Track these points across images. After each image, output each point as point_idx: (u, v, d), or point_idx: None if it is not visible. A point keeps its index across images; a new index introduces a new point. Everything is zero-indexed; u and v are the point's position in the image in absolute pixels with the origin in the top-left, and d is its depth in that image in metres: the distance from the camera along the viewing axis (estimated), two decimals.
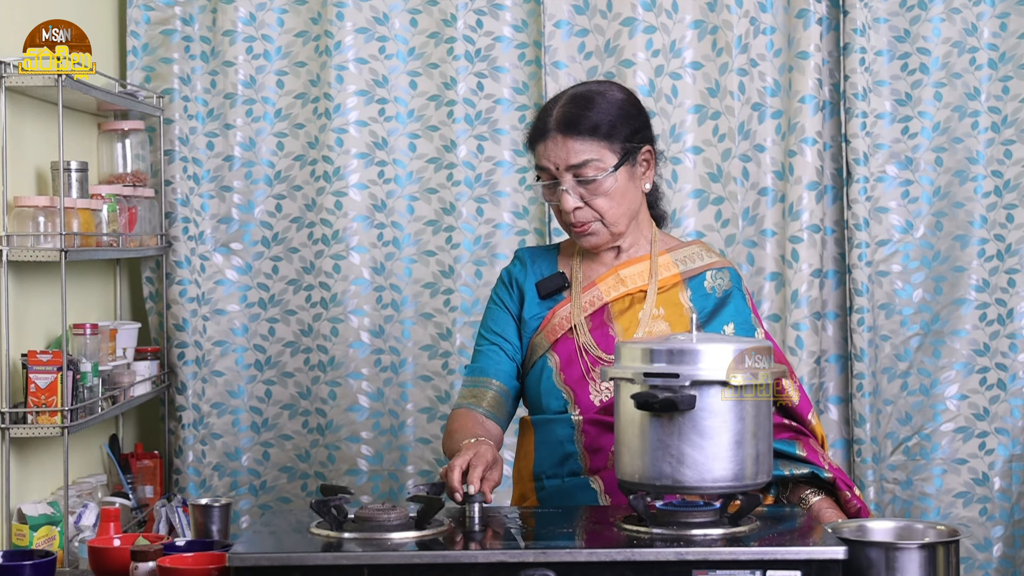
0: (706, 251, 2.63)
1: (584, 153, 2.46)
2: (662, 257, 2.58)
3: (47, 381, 2.93)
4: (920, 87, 3.68)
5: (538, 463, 2.54)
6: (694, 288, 2.56)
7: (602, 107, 2.49)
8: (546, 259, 2.65)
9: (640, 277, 2.55)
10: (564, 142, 2.47)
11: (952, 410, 3.66)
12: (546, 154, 2.49)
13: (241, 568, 1.95)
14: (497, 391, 2.57)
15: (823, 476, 2.39)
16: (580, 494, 2.46)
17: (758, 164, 3.68)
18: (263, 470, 3.81)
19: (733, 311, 2.55)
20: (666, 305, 2.53)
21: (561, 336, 2.54)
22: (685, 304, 2.53)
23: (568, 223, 2.52)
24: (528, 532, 2.16)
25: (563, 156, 2.47)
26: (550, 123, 2.49)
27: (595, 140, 2.47)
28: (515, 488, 2.62)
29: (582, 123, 2.47)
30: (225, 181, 3.80)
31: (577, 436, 2.49)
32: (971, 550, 3.63)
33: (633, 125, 2.52)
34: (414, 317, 3.75)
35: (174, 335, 3.76)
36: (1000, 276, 3.65)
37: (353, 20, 3.72)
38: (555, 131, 2.48)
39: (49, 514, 2.95)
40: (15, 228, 2.98)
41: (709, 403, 2.05)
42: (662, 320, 2.51)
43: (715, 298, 2.56)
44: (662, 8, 3.66)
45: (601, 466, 2.47)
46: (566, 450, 2.50)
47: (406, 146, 3.75)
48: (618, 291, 2.54)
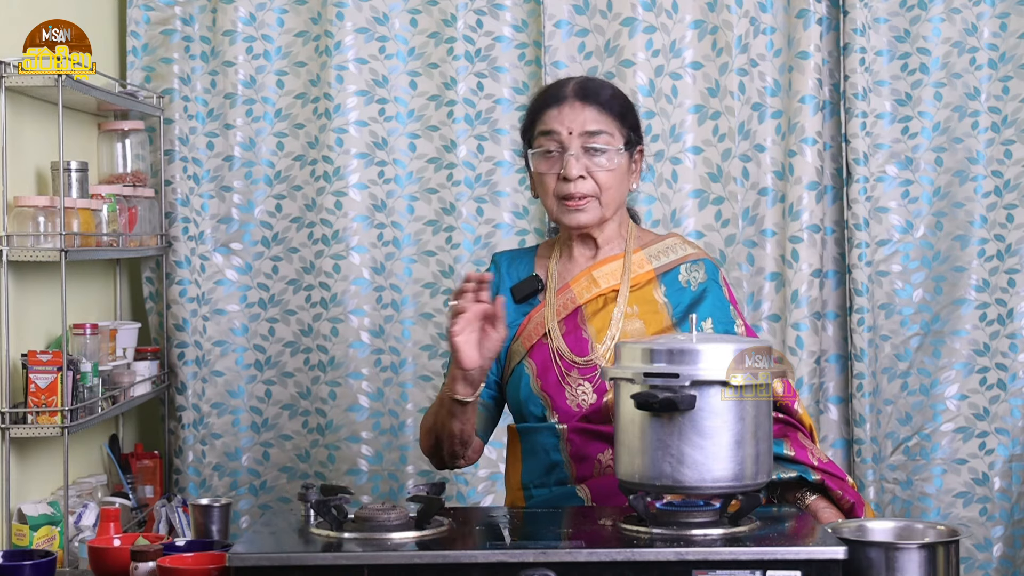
0: (682, 243, 2.61)
1: (600, 123, 2.49)
2: (636, 255, 2.56)
3: (47, 381, 2.93)
4: (920, 87, 3.68)
5: (525, 472, 2.54)
6: (668, 284, 2.54)
7: (616, 90, 2.57)
8: (523, 261, 2.64)
9: (613, 276, 2.54)
10: (583, 108, 2.49)
11: (952, 410, 3.66)
12: (560, 118, 2.49)
13: (241, 568, 1.95)
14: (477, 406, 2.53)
15: (811, 479, 2.37)
16: (567, 503, 2.46)
17: (758, 164, 3.68)
18: (263, 470, 3.81)
19: (711, 306, 2.53)
20: (640, 303, 2.52)
21: (536, 342, 2.53)
22: (660, 301, 2.52)
23: (565, 194, 2.49)
24: (528, 532, 2.16)
25: (579, 121, 2.48)
26: (566, 91, 2.52)
27: (610, 115, 2.50)
28: (507, 496, 2.62)
29: (601, 95, 2.51)
30: (225, 181, 3.80)
31: (562, 445, 2.49)
32: (971, 550, 3.63)
33: (636, 120, 2.57)
34: (414, 317, 3.75)
35: (174, 335, 3.76)
36: (1000, 276, 3.65)
37: (353, 20, 3.72)
38: (573, 97, 2.50)
39: (49, 514, 2.95)
40: (15, 228, 2.98)
41: (709, 403, 2.05)
42: (636, 319, 2.50)
43: (691, 292, 2.54)
44: (662, 8, 3.66)
45: (587, 474, 2.47)
46: (552, 459, 2.50)
47: (406, 146, 3.75)
48: (591, 292, 2.53)
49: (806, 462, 2.39)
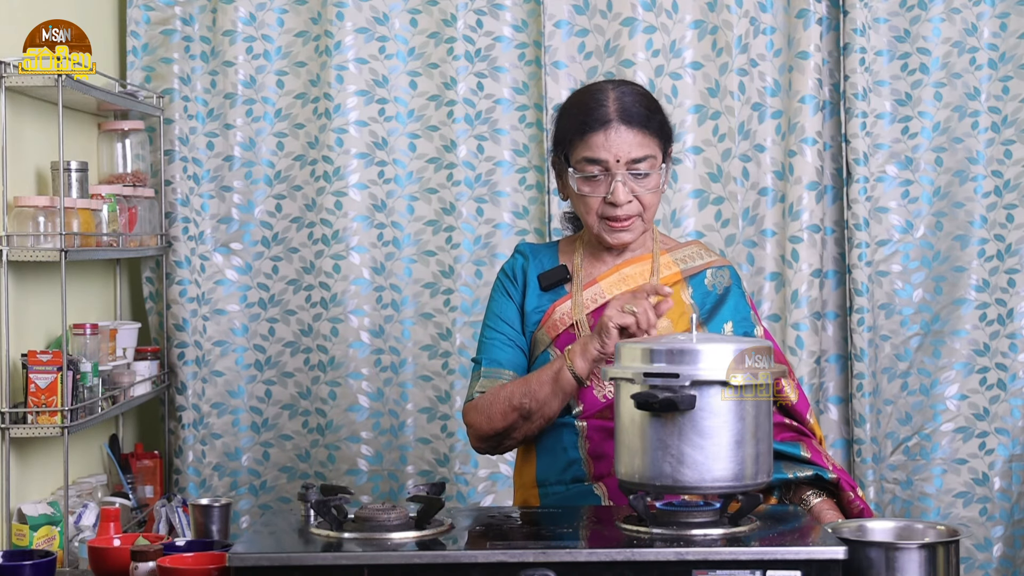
0: (705, 251, 2.64)
1: (645, 147, 2.47)
2: (663, 257, 2.58)
3: (47, 381, 2.93)
4: (920, 87, 3.68)
5: (541, 469, 2.53)
6: (695, 286, 2.56)
7: (654, 104, 2.53)
8: (547, 253, 2.64)
9: (642, 276, 2.55)
10: (628, 133, 2.46)
11: (952, 410, 3.66)
12: (607, 145, 2.46)
13: (241, 568, 1.95)
14: (511, 381, 2.52)
15: (827, 477, 2.39)
16: (584, 501, 2.46)
17: (758, 164, 3.68)
18: (263, 470, 3.81)
19: (732, 308, 2.55)
20: None
21: (563, 332, 2.53)
22: (687, 302, 2.54)
23: (612, 216, 2.49)
24: (528, 532, 2.16)
25: (625, 149, 2.46)
26: (609, 114, 2.47)
27: (652, 135, 2.49)
28: (516, 494, 2.61)
29: (642, 115, 2.48)
30: (225, 181, 3.80)
31: (581, 442, 2.48)
32: (971, 550, 3.63)
33: (669, 126, 2.55)
34: (414, 317, 3.75)
35: (174, 335, 3.76)
36: (1000, 276, 3.65)
37: (353, 20, 3.73)
38: (619, 122, 2.46)
39: (49, 514, 2.95)
40: (15, 228, 2.98)
41: (709, 403, 2.05)
42: (664, 318, 2.51)
43: (715, 295, 2.56)
44: (662, 8, 3.66)
45: (605, 472, 2.46)
46: (570, 456, 2.49)
47: (406, 146, 3.75)
48: (620, 289, 2.53)
49: (822, 464, 2.41)
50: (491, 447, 2.54)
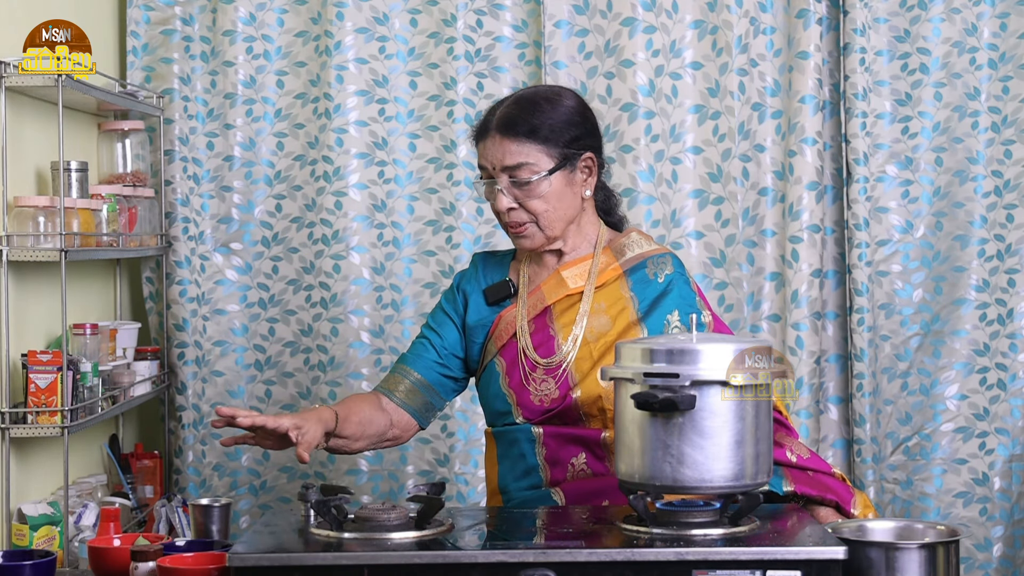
0: (644, 239, 2.64)
1: (520, 155, 2.49)
2: (605, 255, 2.59)
3: (47, 381, 2.93)
4: (920, 87, 3.68)
5: (501, 475, 2.58)
6: (636, 279, 2.56)
7: (545, 111, 2.51)
8: (499, 265, 2.69)
9: (581, 277, 2.57)
10: (502, 143, 2.50)
11: (952, 410, 3.66)
12: (485, 153, 2.53)
13: (241, 568, 1.95)
14: (414, 382, 2.61)
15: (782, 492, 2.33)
16: (543, 506, 2.48)
17: (758, 164, 3.68)
18: (263, 470, 3.81)
19: (677, 297, 2.55)
20: (607, 299, 2.55)
21: (507, 341, 2.57)
22: (626, 295, 2.55)
23: (504, 223, 2.56)
24: (527, 532, 2.16)
25: (499, 156, 2.50)
26: (492, 123, 2.52)
27: (532, 143, 2.49)
28: (487, 499, 2.65)
29: (520, 125, 2.49)
30: (225, 181, 3.80)
31: (538, 449, 2.51)
32: (971, 550, 3.63)
33: (575, 132, 2.53)
34: (414, 317, 3.75)
35: (174, 335, 3.76)
36: (1000, 276, 3.65)
37: (353, 20, 3.73)
38: (495, 131, 2.51)
39: (49, 514, 2.95)
40: (15, 228, 2.98)
41: (709, 403, 2.05)
42: (603, 314, 2.53)
43: (657, 284, 2.56)
44: (662, 8, 3.66)
45: (561, 478, 2.50)
46: (528, 463, 2.52)
47: (406, 146, 3.75)
48: (560, 293, 2.57)
49: (782, 460, 2.38)
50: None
